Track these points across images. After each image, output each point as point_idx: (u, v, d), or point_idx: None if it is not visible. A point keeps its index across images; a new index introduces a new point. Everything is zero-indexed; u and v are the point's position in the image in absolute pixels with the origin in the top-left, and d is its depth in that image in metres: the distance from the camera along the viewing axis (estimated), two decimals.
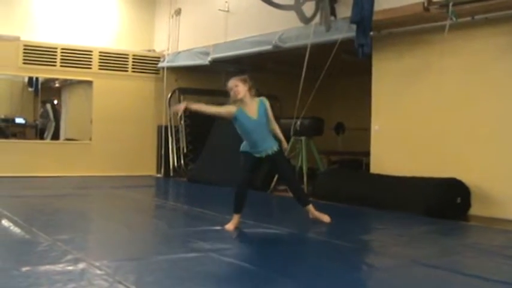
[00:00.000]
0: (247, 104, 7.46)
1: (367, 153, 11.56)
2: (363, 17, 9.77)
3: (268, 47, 12.49)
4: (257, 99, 7.55)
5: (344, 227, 8.20)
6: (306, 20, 11.33)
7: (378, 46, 10.83)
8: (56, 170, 15.40)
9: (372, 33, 10.21)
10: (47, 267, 5.15)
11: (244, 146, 7.66)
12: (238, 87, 7.39)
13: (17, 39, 15.26)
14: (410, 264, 5.77)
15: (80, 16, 16.51)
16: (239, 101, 7.43)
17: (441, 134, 10.05)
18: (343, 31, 10.52)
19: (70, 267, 5.13)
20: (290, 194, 11.45)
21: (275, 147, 7.66)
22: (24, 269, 5.08)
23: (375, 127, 11.18)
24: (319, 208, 9.99)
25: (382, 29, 10.68)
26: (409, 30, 10.45)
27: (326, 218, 8.03)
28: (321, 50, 10.80)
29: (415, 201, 9.36)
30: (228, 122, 7.79)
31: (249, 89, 7.49)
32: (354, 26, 10.00)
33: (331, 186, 11.08)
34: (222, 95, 16.85)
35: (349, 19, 9.99)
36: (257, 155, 7.59)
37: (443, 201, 9.23)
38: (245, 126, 7.50)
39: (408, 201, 9.45)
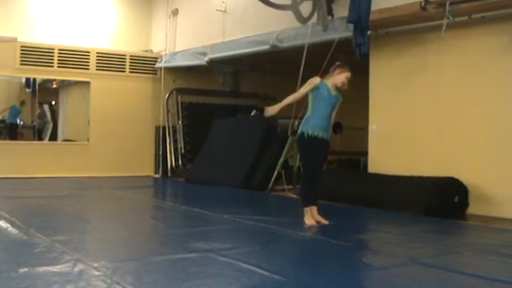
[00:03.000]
0: (331, 85, 8.05)
1: (365, 153, 11.57)
2: (360, 16, 9.78)
3: (266, 47, 12.50)
4: (338, 94, 8.17)
5: (342, 227, 8.20)
6: (303, 20, 11.34)
7: (375, 45, 10.84)
8: (54, 171, 15.39)
9: (369, 32, 10.21)
10: (45, 268, 5.15)
11: (306, 125, 8.06)
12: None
13: (14, 40, 15.25)
14: (409, 264, 5.77)
15: (77, 17, 16.50)
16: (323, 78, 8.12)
17: (438, 133, 10.06)
18: (340, 31, 10.53)
19: (68, 269, 5.12)
20: (288, 194, 11.51)
21: (327, 136, 8.14)
22: (21, 270, 5.08)
23: (372, 127, 11.19)
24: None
25: (379, 28, 10.70)
26: (406, 29, 10.47)
27: (326, 222, 8.04)
28: (318, 50, 10.80)
29: (413, 200, 9.37)
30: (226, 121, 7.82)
31: None
32: (351, 26, 10.00)
33: (329, 186, 11.05)
34: (219, 95, 17.04)
35: (347, 19, 10.00)
36: (317, 133, 7.97)
37: (441, 200, 9.25)
38: (324, 97, 8.01)
39: (406, 201, 9.46)
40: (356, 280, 5.32)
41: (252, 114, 15.49)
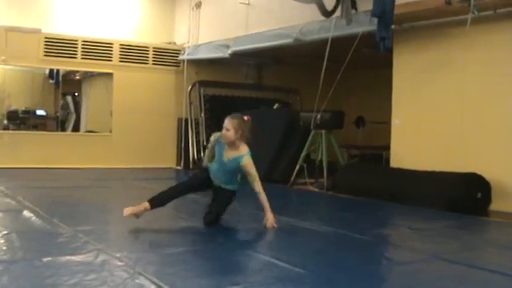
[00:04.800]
0: (230, 147, 7.15)
1: (387, 147, 11.53)
2: (384, 10, 9.72)
3: (289, 40, 12.46)
4: (242, 151, 7.16)
5: (363, 221, 8.21)
6: (327, 13, 11.30)
7: (399, 40, 10.79)
8: (76, 161, 15.47)
9: (393, 26, 10.16)
10: (68, 257, 5.19)
11: (211, 165, 7.35)
12: (229, 132, 7.07)
13: (38, 31, 15.33)
14: (430, 259, 5.76)
15: (101, 8, 16.57)
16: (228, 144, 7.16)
17: (462, 128, 9.99)
18: (364, 24, 10.48)
19: (91, 258, 5.16)
20: (310, 188, 11.50)
21: (229, 186, 7.24)
22: (45, 259, 5.13)
23: (395, 121, 11.13)
24: (338, 202, 10.05)
25: (404, 22, 10.64)
26: (430, 23, 10.40)
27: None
28: (341, 43, 10.77)
29: (436, 195, 9.32)
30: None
31: (241, 136, 7.14)
32: (375, 20, 9.95)
33: (351, 180, 11.06)
34: (242, 88, 17.02)
35: (371, 12, 9.94)
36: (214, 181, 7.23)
37: (463, 196, 9.19)
38: (217, 157, 7.26)
39: (428, 196, 9.41)
40: (378, 274, 5.31)
41: (275, 107, 15.48)
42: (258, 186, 7.11)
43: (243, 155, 7.11)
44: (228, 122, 7.12)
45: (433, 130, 10.47)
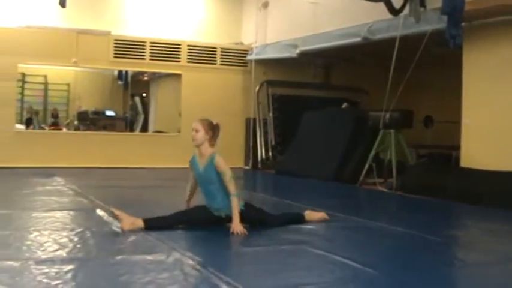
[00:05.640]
0: (201, 153, 6.96)
1: (457, 147, 11.35)
2: (454, 7, 9.59)
3: (357, 39, 12.43)
4: (211, 153, 6.96)
5: (434, 222, 8.12)
6: (395, 12, 11.21)
7: (469, 37, 10.59)
8: (145, 161, 15.69)
9: (463, 24, 10.01)
10: (141, 256, 5.26)
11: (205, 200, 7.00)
12: (199, 133, 6.87)
13: (108, 33, 15.61)
14: (505, 261, 5.66)
15: (169, 10, 16.78)
16: (196, 147, 6.98)
17: None
18: (433, 22, 10.38)
19: (163, 257, 5.23)
20: (379, 188, 11.42)
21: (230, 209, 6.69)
22: (118, 257, 5.24)
23: (465, 120, 10.95)
24: (408, 202, 9.95)
25: (474, 19, 10.46)
26: (501, 20, 10.18)
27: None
28: (409, 42, 10.67)
29: (508, 196, 9.16)
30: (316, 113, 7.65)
31: (211, 138, 6.99)
32: (445, 17, 9.83)
33: (420, 180, 10.95)
34: (309, 88, 17.02)
35: (440, 10, 9.82)
36: (215, 213, 6.84)
37: None
38: (195, 175, 7.11)
39: (501, 197, 9.25)
40: (450, 276, 5.24)
41: (343, 107, 15.43)
42: (232, 188, 6.73)
43: (213, 154, 6.92)
44: (196, 124, 6.91)
45: (505, 129, 10.26)
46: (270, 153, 16.21)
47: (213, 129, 7.00)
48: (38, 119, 18.64)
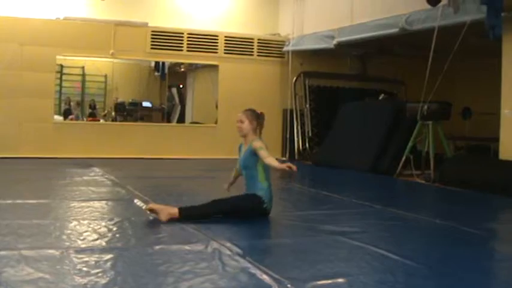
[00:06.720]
0: (246, 142, 7.09)
1: (496, 139, 11.24)
2: None
3: (395, 30, 12.33)
4: (251, 140, 6.96)
5: (472, 214, 8.06)
6: (433, 2, 11.10)
7: (509, 27, 10.47)
8: (182, 152, 15.76)
9: (503, 14, 9.89)
10: (179, 246, 5.31)
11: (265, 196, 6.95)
12: (244, 123, 7.01)
13: (145, 25, 15.68)
14: None
15: (205, 1, 16.78)
16: (242, 137, 7.13)
17: None
18: (472, 13, 10.26)
19: (201, 247, 5.27)
20: (416, 179, 11.36)
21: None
22: (157, 247, 5.29)
23: (504, 111, 10.83)
24: (446, 194, 9.88)
25: None
26: None
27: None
28: (448, 32, 10.58)
29: None
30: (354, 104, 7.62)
31: (255, 128, 7.07)
32: (484, 7, 9.72)
33: (459, 172, 10.86)
34: (346, 79, 16.96)
35: (479, 0, 9.72)
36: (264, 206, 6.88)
37: None
38: (239, 161, 7.29)
39: None
40: (490, 270, 5.21)
41: (380, 98, 15.36)
42: (269, 160, 6.65)
43: (254, 139, 6.95)
44: (241, 115, 7.07)
45: None
46: (307, 145, 16.19)
47: (257, 119, 7.09)
48: (80, 109, 18.79)
